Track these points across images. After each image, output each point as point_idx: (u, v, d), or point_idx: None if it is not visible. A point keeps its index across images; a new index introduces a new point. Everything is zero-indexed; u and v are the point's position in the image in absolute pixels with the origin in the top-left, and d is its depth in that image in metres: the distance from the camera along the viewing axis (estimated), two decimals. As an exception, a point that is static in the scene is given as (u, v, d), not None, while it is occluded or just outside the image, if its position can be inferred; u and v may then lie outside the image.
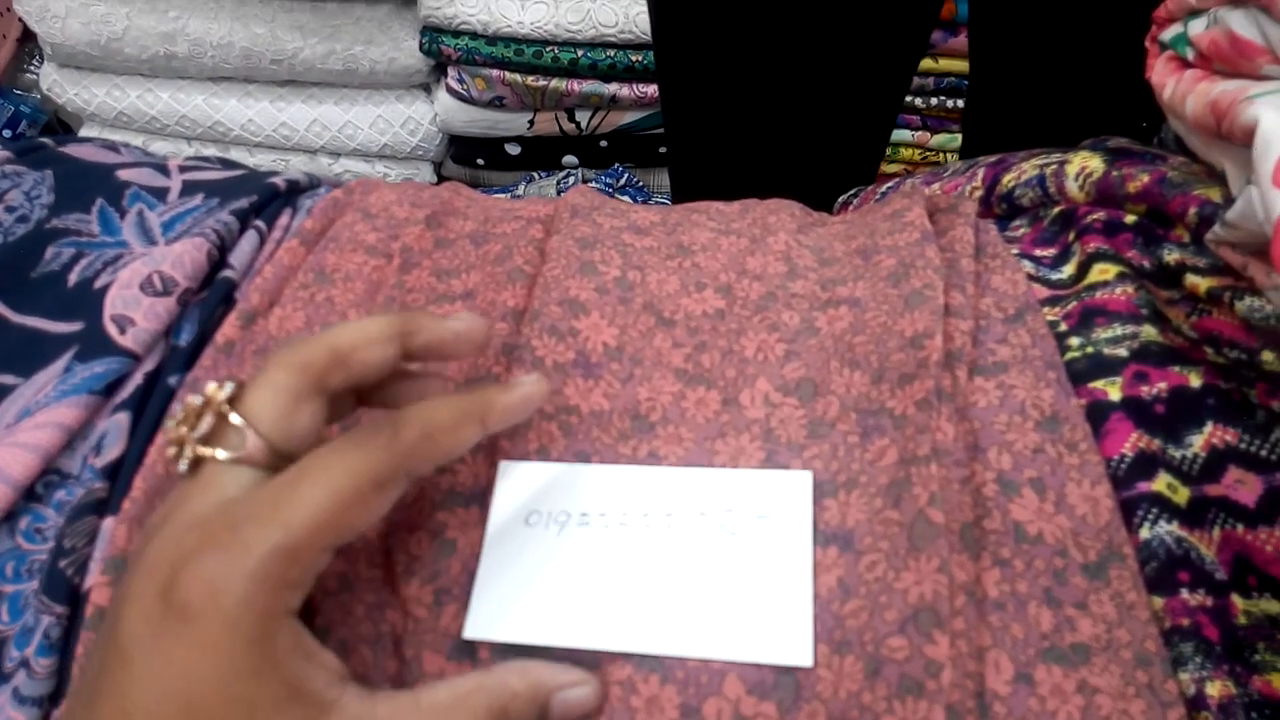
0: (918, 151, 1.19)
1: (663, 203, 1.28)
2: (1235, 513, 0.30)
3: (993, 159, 0.48)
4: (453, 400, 0.28)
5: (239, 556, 0.23)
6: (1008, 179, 0.45)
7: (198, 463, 0.26)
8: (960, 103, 1.17)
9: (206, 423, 0.26)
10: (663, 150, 1.28)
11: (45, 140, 0.47)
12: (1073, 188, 0.42)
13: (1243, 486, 0.30)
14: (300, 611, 0.25)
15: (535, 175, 1.30)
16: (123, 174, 0.44)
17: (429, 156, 1.29)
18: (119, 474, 0.33)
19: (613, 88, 1.16)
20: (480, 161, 1.29)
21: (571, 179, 1.27)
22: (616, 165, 1.28)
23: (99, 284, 0.38)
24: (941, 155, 1.18)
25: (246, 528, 0.23)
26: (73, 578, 0.31)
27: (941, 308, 0.34)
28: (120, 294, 0.37)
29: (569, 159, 1.29)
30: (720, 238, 0.41)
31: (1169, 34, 0.42)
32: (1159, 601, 0.29)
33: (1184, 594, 0.29)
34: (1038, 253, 0.41)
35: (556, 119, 1.22)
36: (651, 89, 1.16)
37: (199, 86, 1.22)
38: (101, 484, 0.32)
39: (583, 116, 1.22)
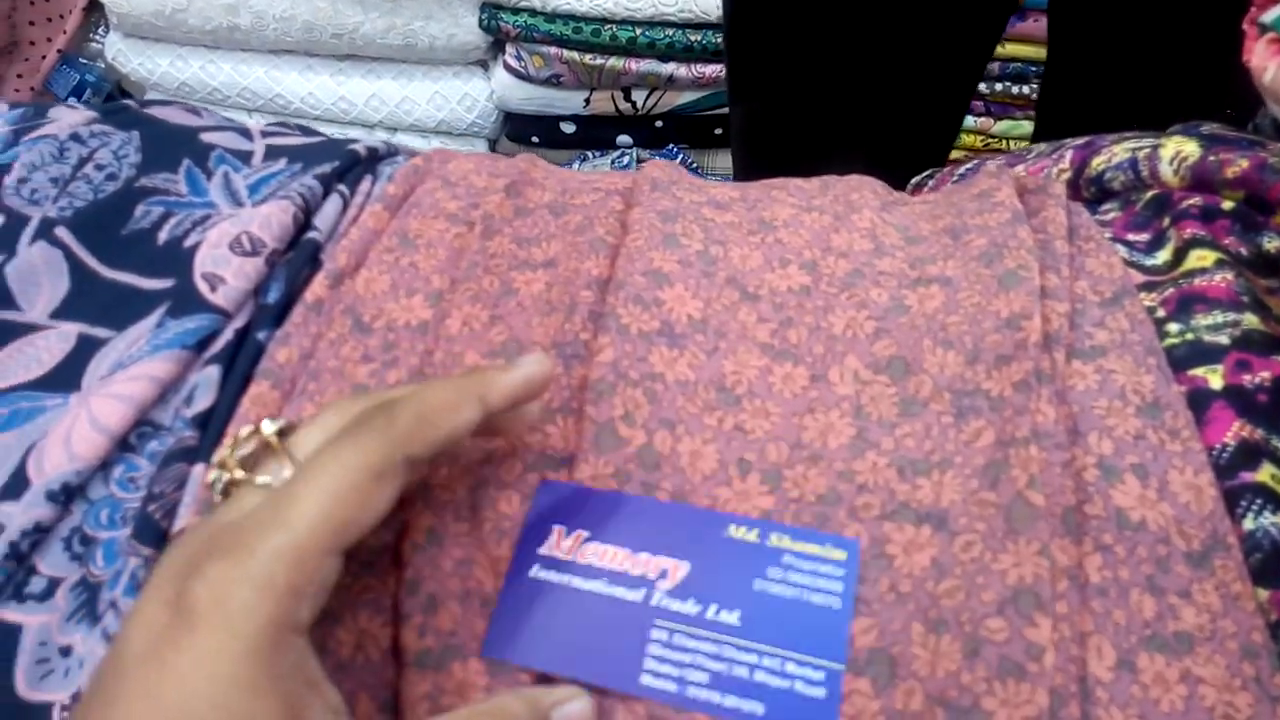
0: (980, 138, 1.17)
1: (716, 185, 1.27)
2: (1341, 506, 0.29)
3: (1080, 141, 0.47)
4: (450, 381, 0.28)
5: (243, 561, 0.22)
6: (1097, 162, 0.44)
7: (233, 485, 0.26)
8: (1025, 89, 1.15)
9: (248, 447, 0.27)
10: (718, 131, 1.27)
11: (129, 101, 0.48)
12: (1167, 172, 0.41)
13: (1351, 480, 0.30)
14: (352, 591, 0.25)
15: (589, 154, 1.30)
16: (207, 136, 0.45)
17: (484, 134, 1.29)
18: (209, 424, 0.33)
19: (670, 67, 1.16)
20: (535, 139, 1.29)
21: (626, 159, 1.27)
22: (671, 146, 1.28)
23: (188, 243, 0.39)
24: (1005, 142, 1.16)
25: (250, 534, 0.23)
26: (161, 522, 0.31)
27: (1038, 289, 0.34)
28: (210, 253, 0.38)
29: (623, 139, 1.29)
30: (802, 214, 0.40)
31: (1270, 15, 0.41)
32: (1264, 593, 0.28)
33: (1290, 586, 0.28)
34: (1130, 237, 0.40)
35: (613, 98, 1.22)
36: (710, 69, 1.16)
37: (260, 59, 1.23)
38: (192, 433, 0.33)
39: (639, 96, 1.22)
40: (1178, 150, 0.41)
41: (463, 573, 0.30)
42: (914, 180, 0.60)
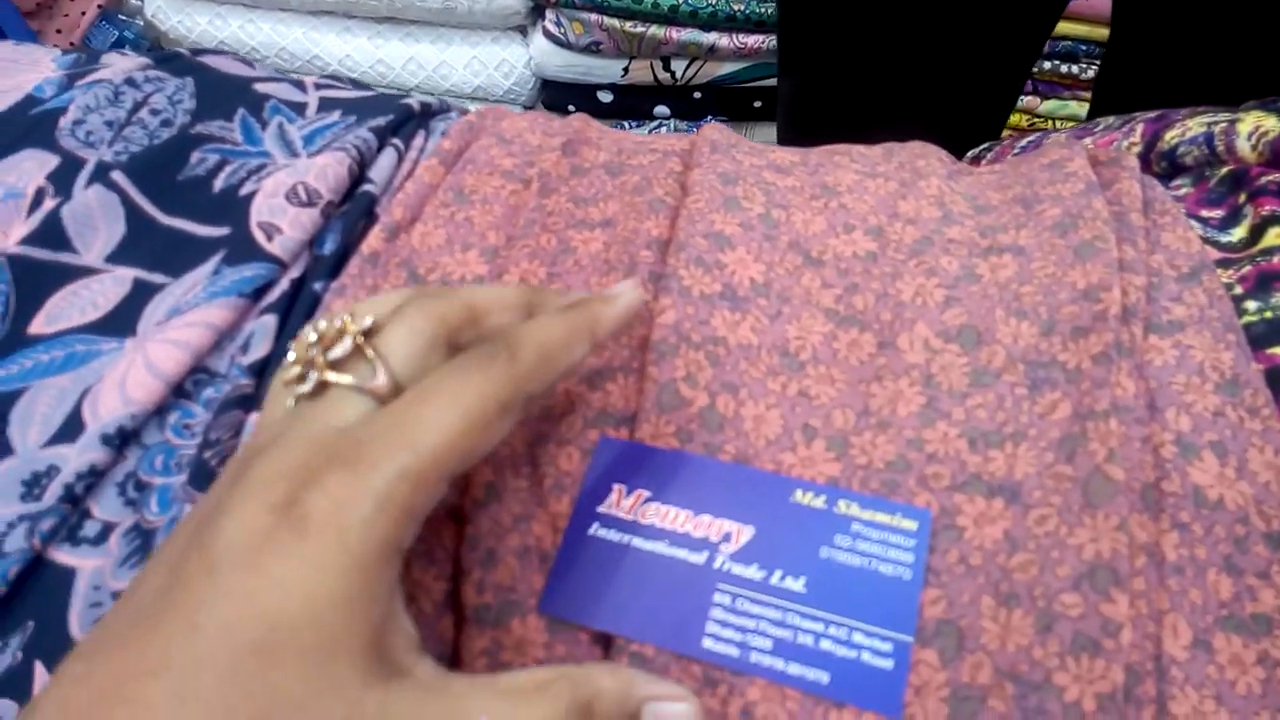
0: (1026, 118, 1.15)
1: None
2: None
3: (1153, 115, 0.46)
4: (562, 317, 0.27)
5: (366, 475, 0.21)
6: (1170, 135, 0.43)
7: (323, 386, 0.25)
8: (1074, 69, 1.12)
9: (341, 349, 0.25)
10: (758, 104, 1.25)
11: (181, 50, 0.48)
12: (1244, 147, 0.40)
13: None
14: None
15: (626, 125, 1.28)
16: (260, 87, 0.44)
17: (520, 100, 1.28)
18: (265, 372, 0.33)
19: (712, 37, 1.14)
20: (571, 108, 1.28)
21: (663, 130, 1.26)
22: (709, 117, 1.26)
23: (244, 191, 0.38)
24: (1051, 122, 1.14)
25: (374, 448, 0.22)
26: (216, 469, 0.31)
27: (1115, 260, 0.33)
28: (266, 202, 0.37)
29: (661, 109, 1.27)
30: (866, 180, 0.39)
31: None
32: (1345, 578, 0.27)
33: (1373, 572, 0.27)
34: (1204, 213, 0.39)
35: (652, 67, 1.20)
36: (753, 39, 1.14)
37: (299, 19, 1.22)
38: (248, 381, 0.32)
39: (678, 66, 1.20)
40: (1257, 125, 0.40)
41: (522, 529, 0.29)
42: (969, 154, 0.59)
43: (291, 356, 0.25)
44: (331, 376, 0.24)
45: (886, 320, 0.33)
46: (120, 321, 0.34)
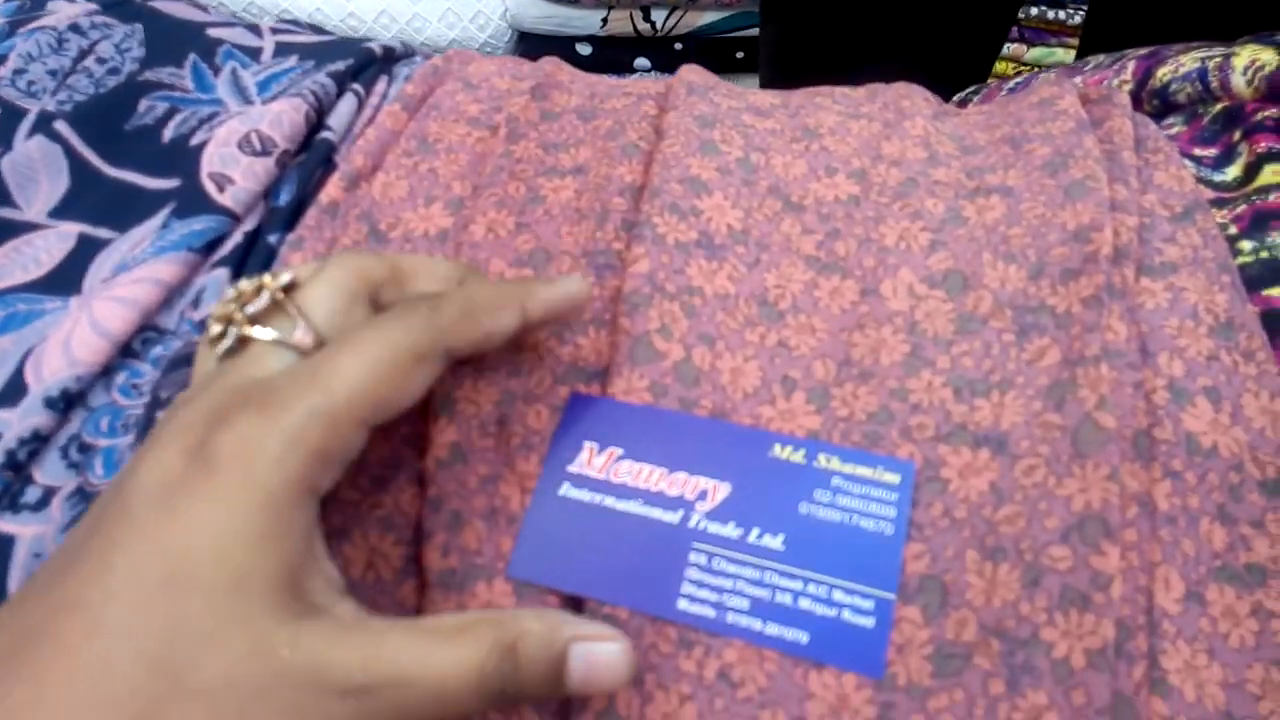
0: (1012, 65, 1.13)
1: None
2: None
3: (1143, 51, 0.44)
4: (495, 285, 0.27)
5: (275, 416, 0.22)
6: (1162, 72, 0.41)
7: (243, 342, 0.25)
8: (1061, 14, 1.10)
9: (259, 304, 0.25)
10: (740, 55, 1.22)
11: (132, -5, 0.45)
12: (1239, 83, 0.38)
13: None
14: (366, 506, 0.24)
15: (605, 78, 1.25)
16: (214, 31, 0.42)
17: (497, 53, 1.25)
18: None
19: (693, -14, 1.11)
20: (550, 61, 1.25)
21: (644, 82, 1.23)
22: (691, 70, 1.23)
23: (195, 141, 0.36)
24: (1037, 70, 1.12)
25: (286, 393, 0.22)
26: None
27: (1107, 199, 0.31)
28: (218, 152, 0.35)
29: (641, 61, 1.24)
30: (849, 121, 0.38)
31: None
32: (1342, 526, 0.26)
33: (1372, 519, 0.26)
34: (1196, 152, 0.37)
35: (631, 18, 1.17)
36: (734, -12, 1.11)
37: (267, -31, 1.18)
38: (199, 336, 0.31)
39: (659, 16, 1.17)
40: (1253, 59, 0.38)
41: (488, 490, 0.28)
42: (956, 98, 0.57)
43: (213, 315, 0.25)
44: (251, 331, 0.25)
45: (869, 266, 0.31)
46: (64, 279, 0.32)
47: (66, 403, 0.29)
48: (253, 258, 0.33)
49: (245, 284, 0.25)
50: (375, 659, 0.21)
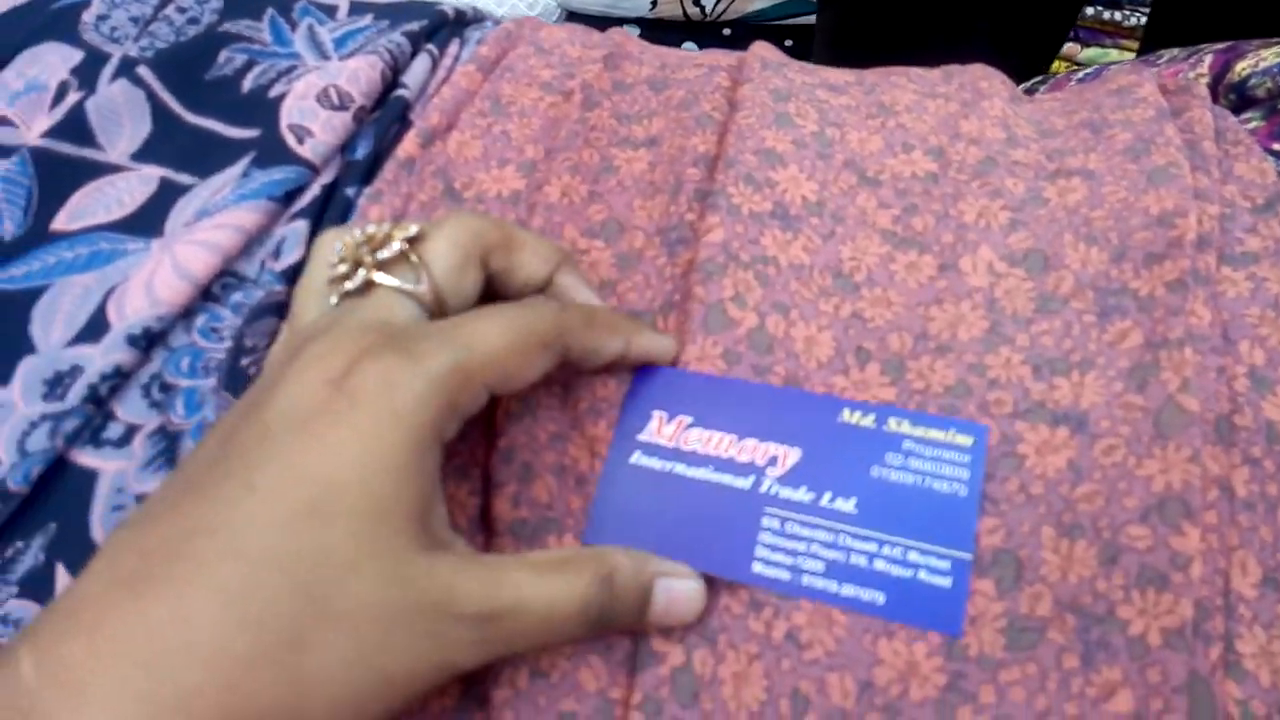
0: (1065, 65, 1.12)
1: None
2: None
3: (1221, 45, 0.43)
4: (613, 312, 0.29)
5: (421, 360, 0.22)
6: (1241, 66, 0.41)
7: (369, 286, 0.25)
8: (1118, 15, 1.09)
9: (388, 251, 0.26)
10: (789, 43, 1.22)
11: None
12: (1323, 78, 0.38)
13: None
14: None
15: (674, 50, 1.25)
16: (290, -13, 0.42)
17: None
18: (298, 278, 0.32)
19: (746, -29, 1.11)
20: (597, 42, 1.25)
21: (691, 67, 1.23)
22: (738, 56, 1.23)
23: (273, 93, 0.37)
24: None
25: (428, 343, 0.23)
26: (254, 376, 0.30)
27: (1190, 187, 0.31)
28: (297, 104, 0.36)
29: (688, 45, 1.24)
30: (925, 100, 0.37)
31: None
32: None
33: None
34: (1276, 147, 0.37)
35: (681, 1, 1.17)
36: (787, -25, 1.10)
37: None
38: (281, 287, 0.31)
39: (708, 1, 1.17)
40: (1338, 54, 0.38)
41: (558, 448, 0.28)
42: (1020, 87, 0.57)
43: (339, 254, 0.26)
44: (379, 277, 0.25)
45: (948, 242, 0.31)
46: (147, 221, 0.33)
47: (148, 341, 0.30)
48: (330, 210, 0.34)
49: (374, 229, 0.26)
50: (498, 588, 0.22)
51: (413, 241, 0.26)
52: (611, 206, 0.34)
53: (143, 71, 0.36)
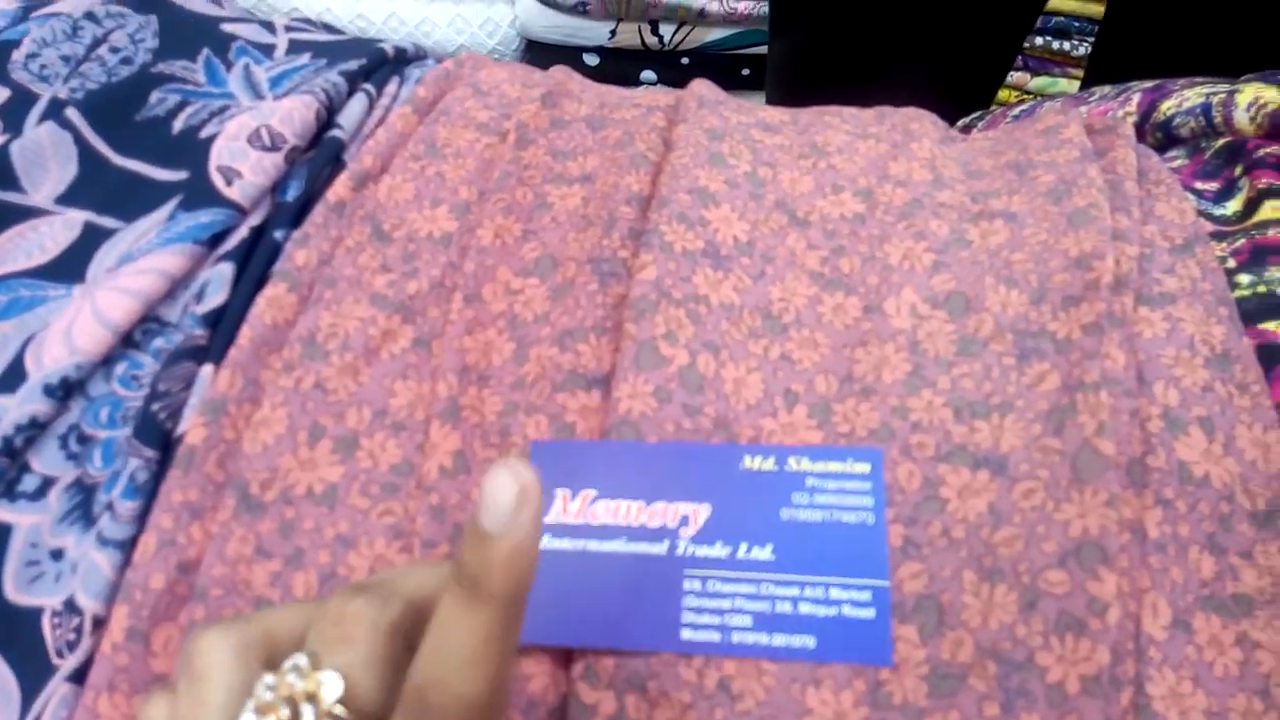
0: (1015, 94, 1.13)
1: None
2: None
3: (1149, 84, 0.44)
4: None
5: None
6: (1166, 106, 0.42)
7: None
8: (1066, 45, 1.11)
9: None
10: (746, 72, 1.23)
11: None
12: (1243, 119, 0.39)
13: None
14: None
15: (615, 89, 1.26)
16: (228, 27, 0.42)
17: (505, 61, 1.25)
18: (220, 322, 0.31)
19: (701, 1, 1.12)
20: (556, 70, 1.25)
21: (649, 95, 1.23)
22: (696, 85, 1.24)
23: (204, 134, 0.36)
24: (1041, 98, 1.12)
25: None
26: (165, 422, 0.29)
27: (1109, 228, 0.32)
28: (227, 145, 0.36)
29: (648, 74, 1.25)
30: (857, 141, 0.38)
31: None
32: (1331, 560, 0.26)
33: (1360, 554, 0.26)
34: (1198, 185, 0.38)
35: (639, 31, 1.18)
36: (743, 5, 1.12)
37: (277, -31, 1.19)
38: (202, 331, 0.31)
39: (667, 30, 1.18)
40: (1257, 96, 0.39)
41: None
42: (960, 123, 0.58)
43: None
44: None
45: (873, 284, 0.32)
46: (69, 267, 0.32)
47: (66, 391, 0.29)
48: (258, 253, 0.33)
49: (266, 695, 0.20)
50: None
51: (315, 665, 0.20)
52: (545, 243, 0.34)
53: (71, 114, 0.36)
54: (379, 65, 0.42)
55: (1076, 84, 1.16)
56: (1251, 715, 0.24)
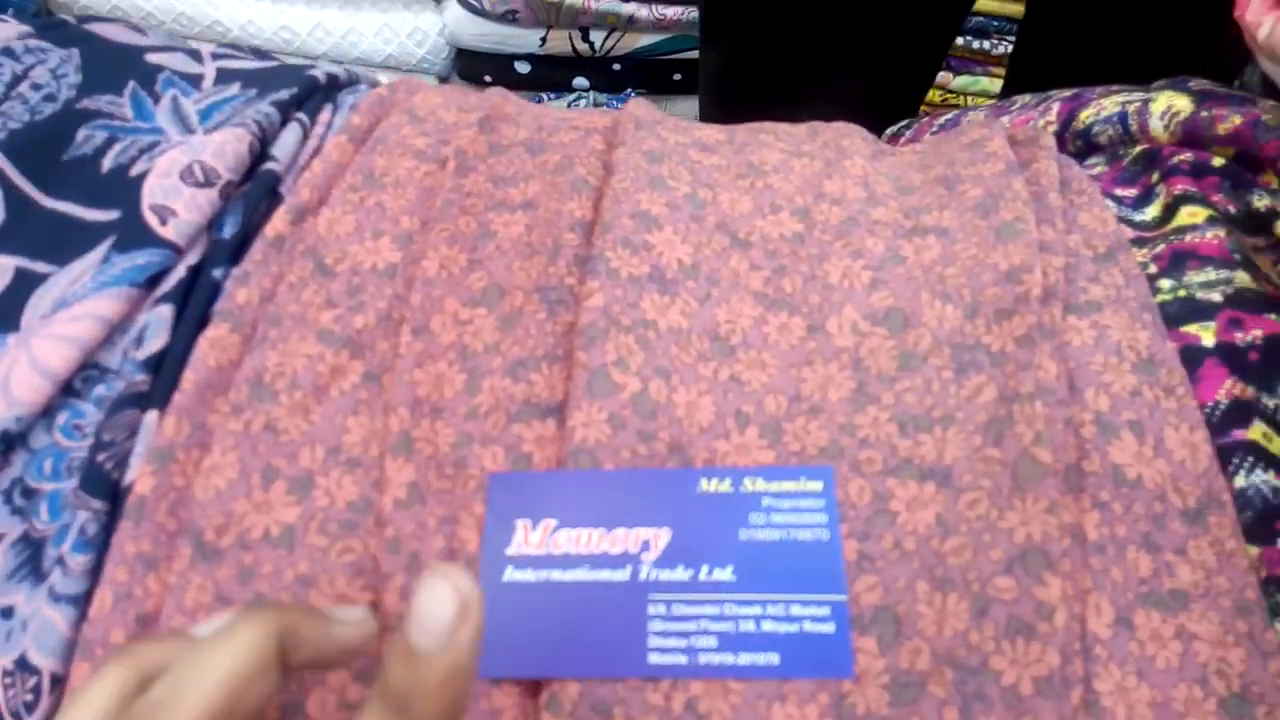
0: (939, 93, 1.16)
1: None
2: (1332, 466, 0.29)
3: (1068, 93, 0.46)
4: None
5: None
6: (1085, 115, 0.43)
7: None
8: (986, 44, 1.14)
9: None
10: (678, 77, 1.24)
11: (65, 18, 0.44)
12: (1157, 127, 0.40)
13: (1340, 440, 0.30)
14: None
15: (544, 97, 1.26)
16: (153, 57, 0.41)
17: (434, 70, 1.24)
18: (162, 367, 0.31)
19: (630, 7, 1.12)
20: (487, 79, 1.25)
21: (583, 102, 1.23)
22: (628, 90, 1.24)
23: (135, 171, 0.36)
24: (962, 98, 1.15)
25: None
26: (111, 472, 0.29)
27: (1036, 241, 0.33)
28: (159, 183, 0.35)
29: (580, 81, 1.25)
30: (792, 159, 0.39)
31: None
32: (1255, 550, 0.28)
33: (1281, 544, 0.28)
34: (1118, 192, 0.39)
35: (570, 38, 1.18)
36: (671, 11, 1.12)
37: (196, -16, 1.16)
38: (143, 377, 0.30)
39: (597, 37, 1.18)
40: (1169, 105, 0.40)
41: (446, 532, 0.28)
42: (888, 132, 0.59)
43: None
44: None
45: (815, 303, 0.32)
46: (2, 315, 0.31)
47: (7, 444, 0.29)
48: (197, 293, 0.33)
49: None
50: None
51: None
52: (491, 273, 0.34)
53: (-7, 156, 0.35)
54: (311, 93, 0.41)
55: (999, 82, 1.19)
56: (1193, 703, 0.25)
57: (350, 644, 0.23)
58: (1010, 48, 1.17)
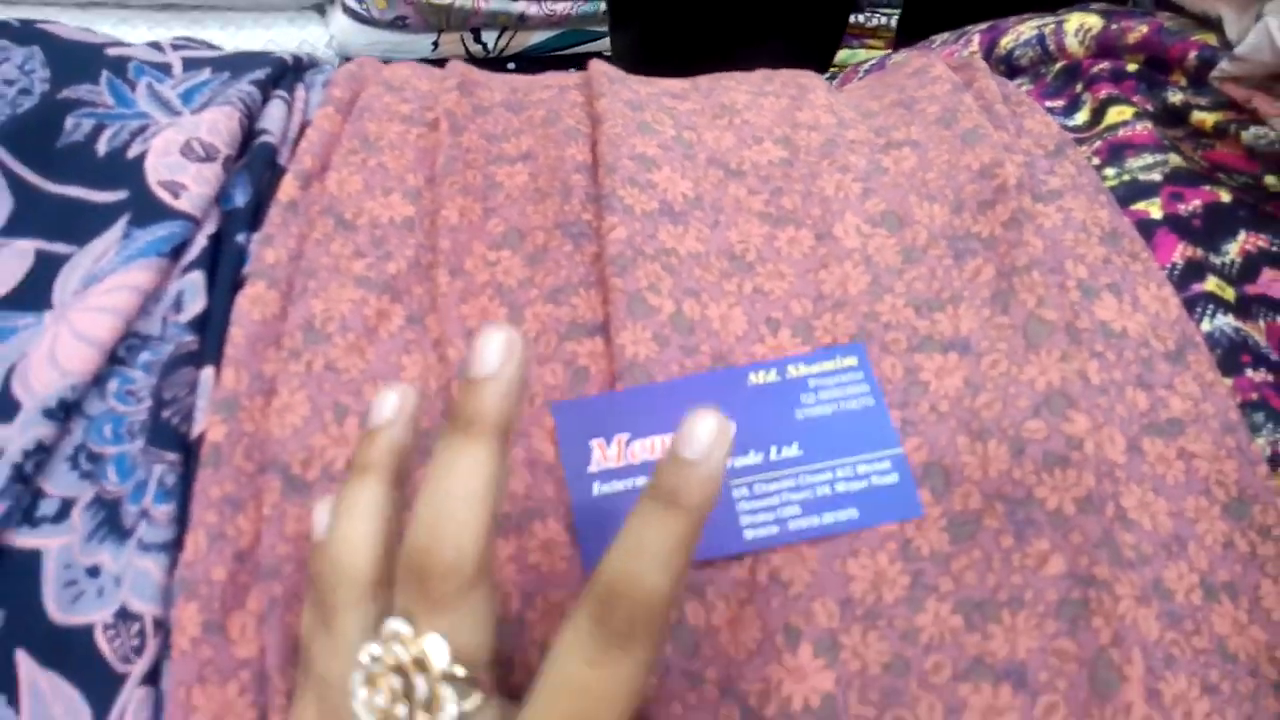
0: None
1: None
2: (1275, 306, 0.34)
3: (983, 26, 0.50)
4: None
5: None
6: (1005, 41, 0.48)
7: None
8: (860, 17, 1.20)
9: (422, 691, 0.21)
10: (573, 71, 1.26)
11: (9, 19, 0.43)
12: (1073, 43, 0.45)
13: (1278, 284, 0.34)
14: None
15: (515, 76, 1.26)
16: (114, 51, 0.41)
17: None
18: (207, 327, 0.31)
19: (520, 6, 1.14)
20: (380, 88, 1.24)
21: (480, 103, 1.24)
22: (524, 89, 1.26)
23: (132, 153, 0.36)
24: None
25: None
26: (179, 426, 0.29)
27: (999, 142, 0.37)
28: (161, 161, 0.35)
29: (473, 84, 1.26)
30: (759, 98, 0.41)
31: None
32: (1228, 381, 0.32)
33: (1249, 373, 0.32)
34: (1047, 104, 0.44)
35: (462, 40, 1.19)
36: (561, 6, 1.15)
37: (68, 11, 1.12)
38: (191, 337, 0.31)
39: (489, 37, 1.19)
40: (1081, 23, 0.45)
41: (523, 443, 0.29)
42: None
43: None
44: None
45: (817, 215, 0.35)
46: (32, 295, 0.31)
47: (66, 412, 0.29)
48: (224, 258, 0.33)
49: (376, 667, 0.21)
50: None
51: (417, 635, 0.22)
52: (507, 219, 0.36)
53: (-12, 146, 0.34)
54: (284, 73, 0.42)
55: (877, 52, 1.26)
56: (1200, 510, 0.29)
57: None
58: (884, 21, 1.24)
